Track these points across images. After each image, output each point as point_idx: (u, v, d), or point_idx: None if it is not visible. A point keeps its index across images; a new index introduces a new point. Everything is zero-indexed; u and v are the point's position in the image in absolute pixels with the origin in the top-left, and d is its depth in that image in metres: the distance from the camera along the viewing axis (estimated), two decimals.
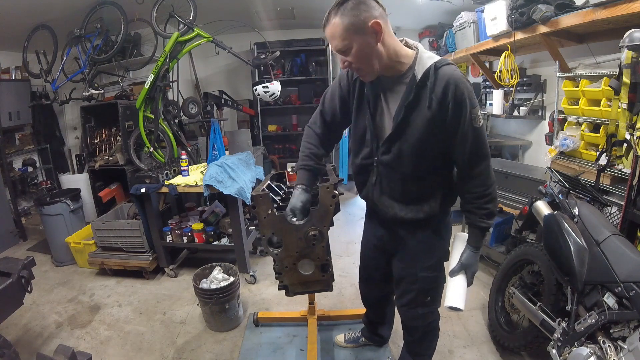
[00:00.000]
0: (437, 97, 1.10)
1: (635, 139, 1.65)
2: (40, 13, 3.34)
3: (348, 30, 1.06)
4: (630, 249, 1.36)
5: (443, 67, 1.10)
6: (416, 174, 1.23)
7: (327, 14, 1.10)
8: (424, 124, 1.13)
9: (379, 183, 1.30)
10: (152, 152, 3.14)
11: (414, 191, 1.27)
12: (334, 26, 1.08)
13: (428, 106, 1.11)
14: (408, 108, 1.14)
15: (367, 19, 1.05)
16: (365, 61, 1.11)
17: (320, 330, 2.10)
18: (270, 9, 4.05)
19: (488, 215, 1.22)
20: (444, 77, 1.09)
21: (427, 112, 1.12)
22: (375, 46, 1.09)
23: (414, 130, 1.15)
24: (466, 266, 1.27)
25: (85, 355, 1.47)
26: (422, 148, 1.17)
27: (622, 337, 1.24)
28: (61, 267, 3.12)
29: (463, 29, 3.60)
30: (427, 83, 1.10)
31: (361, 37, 1.07)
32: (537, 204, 1.77)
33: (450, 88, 1.08)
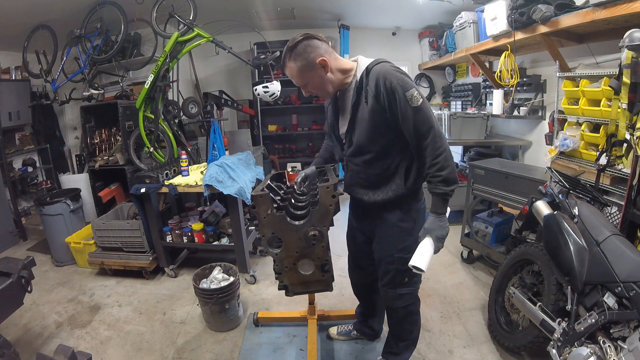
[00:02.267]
0: (371, 92, 1.31)
1: (635, 139, 1.65)
2: (40, 13, 3.35)
3: (301, 70, 1.35)
4: (630, 249, 1.36)
5: (374, 67, 1.32)
6: (375, 159, 1.41)
7: (282, 57, 1.38)
8: (367, 117, 1.35)
9: (350, 176, 1.53)
10: (152, 152, 3.14)
11: (377, 174, 1.44)
12: (290, 69, 1.37)
13: (365, 102, 1.34)
14: (354, 107, 1.39)
15: (314, 58, 1.32)
16: (321, 88, 1.40)
17: (320, 330, 2.11)
18: (270, 9, 4.05)
19: (443, 182, 1.31)
20: (374, 74, 1.30)
21: (366, 107, 1.34)
22: (325, 76, 1.36)
23: (362, 123, 1.38)
24: (429, 230, 1.35)
25: (85, 355, 1.46)
26: (372, 136, 1.37)
27: (622, 337, 1.25)
28: (61, 267, 3.12)
29: (463, 29, 3.60)
30: (363, 83, 1.34)
31: (313, 73, 1.35)
32: (537, 204, 1.77)
33: (380, 82, 1.28)
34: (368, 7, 4.08)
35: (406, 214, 1.47)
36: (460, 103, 4.27)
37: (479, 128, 3.48)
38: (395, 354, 1.75)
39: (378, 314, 1.98)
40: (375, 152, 1.40)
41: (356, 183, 1.51)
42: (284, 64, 1.38)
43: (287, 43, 1.34)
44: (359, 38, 4.60)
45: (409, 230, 1.48)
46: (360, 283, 1.89)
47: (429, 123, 1.28)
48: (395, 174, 1.42)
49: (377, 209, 1.50)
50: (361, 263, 1.79)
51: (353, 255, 1.83)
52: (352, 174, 1.51)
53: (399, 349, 1.74)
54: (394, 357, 1.75)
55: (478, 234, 2.74)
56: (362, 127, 1.38)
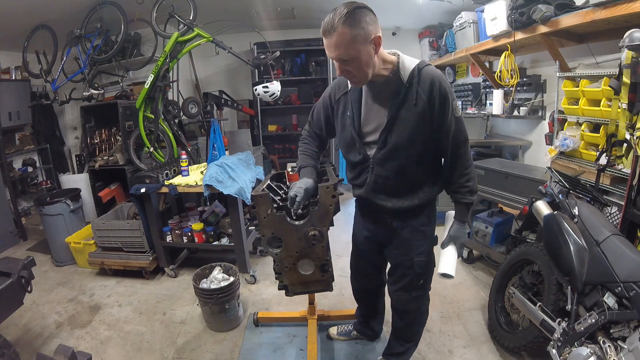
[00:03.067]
0: (423, 93, 1.24)
1: (635, 139, 1.65)
2: (40, 13, 3.34)
3: (356, 41, 1.13)
4: (630, 249, 1.36)
5: (425, 68, 1.26)
6: (408, 164, 1.35)
7: (330, 21, 1.12)
8: (413, 118, 1.27)
9: (375, 182, 1.40)
10: (152, 152, 3.14)
11: (408, 182, 1.39)
12: (342, 35, 1.12)
13: (415, 103, 1.25)
14: (398, 106, 1.28)
15: (371, 32, 1.15)
16: (363, 69, 1.21)
17: (320, 330, 2.10)
18: (270, 9, 4.05)
19: (470, 192, 1.38)
20: (427, 76, 1.25)
21: (414, 108, 1.26)
22: (374, 57, 1.20)
23: (405, 124, 1.28)
24: (454, 238, 1.42)
25: (85, 355, 1.47)
26: (413, 139, 1.29)
27: (622, 337, 1.25)
28: (61, 267, 3.12)
29: (463, 29, 3.60)
30: (413, 82, 1.25)
31: (365, 49, 1.16)
32: (537, 204, 1.77)
33: (435, 85, 1.23)
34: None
35: (427, 218, 1.48)
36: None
37: (479, 128, 3.48)
38: (398, 355, 1.74)
39: (379, 315, 1.98)
40: (411, 156, 1.33)
41: (381, 190, 1.41)
42: (332, 29, 1.11)
43: (339, 8, 1.12)
44: None
45: (428, 234, 1.49)
46: (363, 289, 1.87)
47: (465, 134, 1.33)
48: (424, 182, 1.40)
49: (398, 214, 1.45)
50: (366, 270, 1.75)
51: (358, 262, 1.76)
52: (377, 179, 1.39)
53: (402, 349, 1.73)
54: (396, 357, 1.75)
55: (478, 234, 2.74)
56: (404, 127, 1.28)
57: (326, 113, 1.51)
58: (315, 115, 1.57)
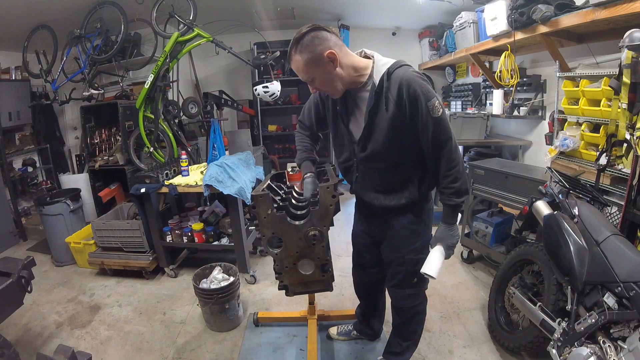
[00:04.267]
0: (393, 98, 1.24)
1: (635, 139, 1.65)
2: (40, 13, 3.34)
3: (308, 64, 1.24)
4: (630, 249, 1.36)
5: (395, 71, 1.24)
6: (390, 166, 1.37)
7: (289, 50, 1.26)
8: (386, 125, 1.28)
9: (362, 179, 1.47)
10: (152, 152, 3.14)
11: (393, 182, 1.41)
12: (296, 62, 1.25)
13: (385, 109, 1.26)
14: (371, 113, 1.30)
15: (322, 51, 1.21)
16: (329, 85, 1.29)
17: (320, 330, 2.10)
18: (270, 9, 4.05)
19: (456, 194, 1.32)
20: (396, 79, 1.23)
21: (386, 114, 1.26)
22: (334, 71, 1.25)
23: (380, 131, 1.30)
24: (439, 239, 1.39)
25: (85, 355, 1.46)
26: (390, 144, 1.31)
27: (622, 337, 1.25)
28: (61, 267, 3.12)
29: (463, 29, 3.60)
30: (383, 88, 1.25)
31: (321, 68, 1.24)
32: (537, 204, 1.77)
33: (404, 88, 1.21)
34: (368, 7, 4.07)
35: (417, 217, 1.48)
36: (460, 103, 4.27)
37: (479, 128, 3.48)
38: (397, 354, 1.75)
39: (378, 314, 1.98)
40: (391, 160, 1.35)
41: (367, 187, 1.47)
42: (289, 56, 1.27)
43: (295, 34, 1.24)
44: (359, 38, 4.59)
45: (420, 233, 1.49)
46: (364, 283, 1.88)
47: (447, 134, 1.27)
48: (409, 182, 1.40)
49: (388, 212, 1.48)
50: (366, 263, 1.77)
51: (358, 255, 1.80)
52: (363, 176, 1.45)
53: (401, 348, 1.74)
54: (396, 357, 1.76)
55: (478, 234, 2.74)
56: (379, 134, 1.30)
57: (317, 109, 1.57)
58: (306, 112, 1.64)
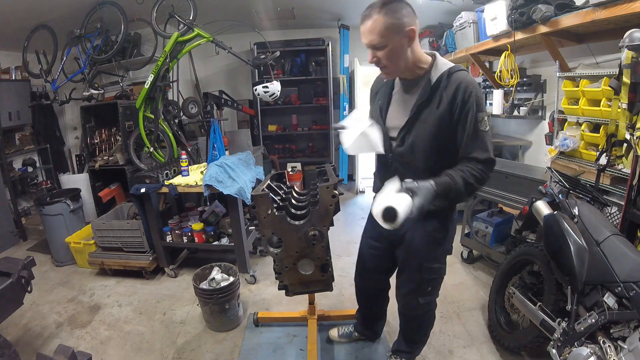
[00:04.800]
0: (447, 97, 1.21)
1: (635, 139, 1.65)
2: (40, 13, 3.34)
3: (388, 29, 1.15)
4: (630, 249, 1.36)
5: (457, 72, 1.23)
6: (427, 167, 1.30)
7: (368, 8, 1.17)
8: (433, 121, 1.24)
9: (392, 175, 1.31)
10: (152, 152, 3.14)
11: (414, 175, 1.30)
12: (376, 22, 1.15)
13: (437, 106, 1.23)
14: (420, 106, 1.26)
15: (406, 23, 1.16)
16: (393, 61, 1.22)
17: (320, 330, 2.10)
18: (270, 9, 4.05)
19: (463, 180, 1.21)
20: (456, 80, 1.21)
21: (436, 111, 1.23)
22: (406, 50, 1.21)
23: (425, 126, 1.26)
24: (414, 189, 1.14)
25: (85, 355, 1.46)
26: (432, 142, 1.27)
27: (622, 337, 1.25)
28: (61, 267, 3.12)
29: (463, 29, 3.60)
30: (440, 85, 1.23)
31: (398, 39, 1.18)
32: (537, 204, 1.77)
33: (461, 90, 1.20)
34: None
35: (442, 225, 1.43)
36: None
37: None
38: (407, 352, 1.75)
39: (380, 318, 1.94)
40: (428, 159, 1.30)
41: None
42: (368, 15, 1.16)
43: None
44: (359, 38, 4.58)
45: (441, 241, 1.44)
46: (368, 288, 1.81)
47: (489, 152, 1.24)
48: None
49: None
50: (372, 269, 1.70)
51: (366, 259, 1.70)
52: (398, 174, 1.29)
53: (410, 347, 1.74)
54: (405, 354, 1.76)
55: (478, 234, 2.74)
56: (423, 130, 1.26)
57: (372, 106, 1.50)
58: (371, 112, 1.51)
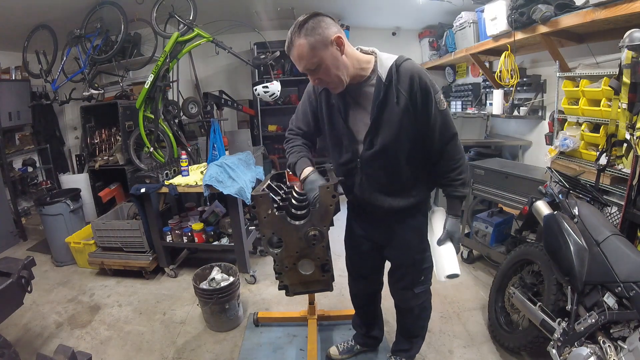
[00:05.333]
0: (404, 90, 1.21)
1: (635, 139, 1.65)
2: (40, 13, 3.34)
3: (314, 48, 1.14)
4: (630, 249, 1.36)
5: (403, 64, 1.23)
6: (399, 163, 1.33)
7: (289, 37, 1.16)
8: (397, 118, 1.24)
9: (366, 181, 1.39)
10: (152, 152, 3.14)
11: (400, 181, 1.37)
12: (301, 47, 1.14)
13: (396, 101, 1.23)
14: (380, 106, 1.25)
15: (329, 35, 1.14)
16: (334, 74, 1.20)
17: (320, 330, 2.11)
18: (270, 9, 4.05)
19: (462, 185, 1.35)
20: (406, 72, 1.21)
21: (397, 107, 1.23)
22: (341, 58, 1.18)
23: (389, 125, 1.26)
24: (452, 233, 1.37)
25: (85, 355, 1.46)
26: (400, 138, 1.28)
27: (622, 337, 1.25)
28: (61, 267, 3.11)
29: (463, 29, 3.60)
30: (392, 80, 1.22)
31: (328, 52, 1.16)
32: (537, 204, 1.77)
33: (415, 80, 1.20)
34: (368, 7, 4.08)
35: (424, 217, 1.48)
36: (460, 103, 4.27)
37: (479, 128, 3.48)
38: (406, 351, 1.76)
39: (378, 321, 1.93)
40: (400, 157, 1.31)
41: (373, 189, 1.39)
42: (291, 44, 1.16)
43: (294, 23, 1.16)
44: (358, 38, 4.59)
45: (424, 229, 1.49)
46: (363, 294, 1.81)
47: (452, 128, 1.30)
48: (417, 180, 1.38)
49: (395, 214, 1.42)
50: (365, 272, 1.70)
51: (356, 265, 1.70)
52: (367, 178, 1.38)
53: (409, 345, 1.75)
54: (405, 353, 1.76)
55: (478, 234, 2.74)
56: (389, 128, 1.26)
57: (312, 107, 1.45)
58: (301, 112, 1.49)
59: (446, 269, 1.31)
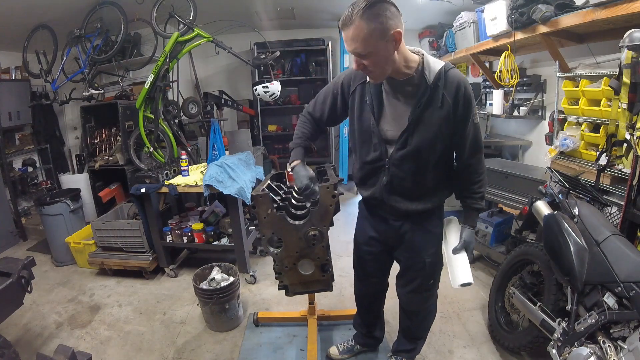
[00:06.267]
0: (450, 96, 1.22)
1: (635, 139, 1.65)
2: (40, 13, 3.34)
3: (372, 35, 1.08)
4: (630, 249, 1.36)
5: (452, 70, 1.24)
6: (427, 168, 1.33)
7: (349, 14, 1.08)
8: (437, 121, 1.24)
9: (390, 183, 1.36)
10: (152, 152, 3.14)
11: (425, 186, 1.37)
12: (358, 29, 1.07)
13: (440, 105, 1.22)
14: (423, 106, 1.23)
15: (391, 27, 1.09)
16: (380, 66, 1.16)
17: (320, 330, 2.11)
18: (270, 9, 4.05)
19: (482, 198, 1.41)
20: (454, 79, 1.22)
21: (439, 110, 1.23)
22: (392, 54, 1.14)
23: (428, 126, 1.25)
24: (467, 243, 1.42)
25: (85, 355, 1.46)
26: (435, 142, 1.28)
27: (622, 337, 1.25)
28: (61, 267, 3.12)
29: (463, 29, 3.60)
30: (439, 84, 1.21)
31: (383, 45, 1.11)
32: (537, 204, 1.77)
33: (461, 89, 1.22)
34: None
35: (440, 220, 1.49)
36: None
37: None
38: (407, 351, 1.76)
39: (380, 321, 1.93)
40: (431, 159, 1.31)
41: (396, 191, 1.37)
42: (349, 21, 1.07)
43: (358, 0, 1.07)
44: None
45: (440, 236, 1.50)
46: (369, 294, 1.80)
47: (481, 142, 1.36)
48: (439, 185, 1.40)
49: (409, 216, 1.42)
50: (373, 273, 1.68)
51: (364, 265, 1.67)
52: (393, 179, 1.35)
53: (411, 345, 1.75)
54: (406, 354, 1.76)
55: (478, 234, 2.74)
56: (427, 130, 1.25)
57: (334, 100, 1.42)
58: (319, 102, 1.47)
59: (461, 278, 1.36)
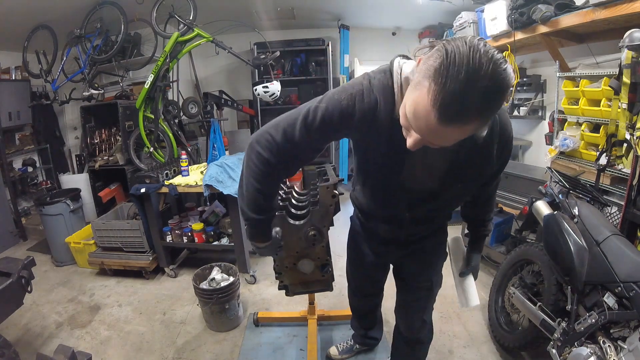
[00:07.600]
0: (498, 151, 1.01)
1: (635, 139, 1.65)
2: (40, 13, 3.34)
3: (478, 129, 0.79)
4: (630, 249, 1.36)
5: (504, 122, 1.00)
6: (450, 209, 1.29)
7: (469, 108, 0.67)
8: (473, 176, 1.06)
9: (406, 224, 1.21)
10: (152, 152, 3.14)
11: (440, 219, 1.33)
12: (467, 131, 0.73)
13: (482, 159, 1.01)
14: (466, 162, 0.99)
15: None
16: None
17: (320, 330, 2.11)
18: (270, 9, 4.05)
19: (490, 222, 1.39)
20: (504, 131, 1.00)
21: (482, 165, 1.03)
22: None
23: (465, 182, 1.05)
24: (474, 268, 1.42)
25: (85, 355, 1.46)
26: (468, 193, 1.18)
27: (622, 337, 1.25)
28: (61, 267, 3.11)
29: (463, 29, 3.60)
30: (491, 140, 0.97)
31: None
32: (537, 204, 1.77)
33: (506, 132, 1.01)
34: (368, 7, 4.07)
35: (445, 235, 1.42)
36: None
37: None
38: None
39: (378, 323, 1.92)
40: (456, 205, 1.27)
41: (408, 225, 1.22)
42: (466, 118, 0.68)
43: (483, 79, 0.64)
44: (359, 38, 4.60)
45: (444, 251, 1.44)
46: (364, 309, 1.81)
47: None
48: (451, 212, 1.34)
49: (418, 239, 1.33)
50: (369, 291, 1.68)
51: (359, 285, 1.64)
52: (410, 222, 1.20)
53: None
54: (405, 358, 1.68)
55: None
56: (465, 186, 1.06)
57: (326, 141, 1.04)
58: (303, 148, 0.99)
59: (471, 301, 1.40)
